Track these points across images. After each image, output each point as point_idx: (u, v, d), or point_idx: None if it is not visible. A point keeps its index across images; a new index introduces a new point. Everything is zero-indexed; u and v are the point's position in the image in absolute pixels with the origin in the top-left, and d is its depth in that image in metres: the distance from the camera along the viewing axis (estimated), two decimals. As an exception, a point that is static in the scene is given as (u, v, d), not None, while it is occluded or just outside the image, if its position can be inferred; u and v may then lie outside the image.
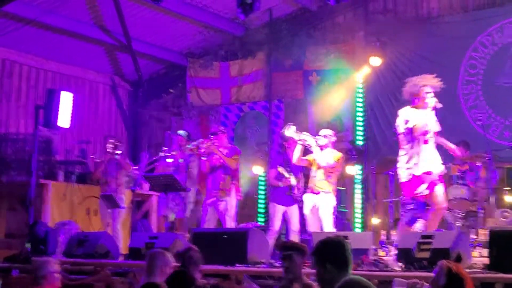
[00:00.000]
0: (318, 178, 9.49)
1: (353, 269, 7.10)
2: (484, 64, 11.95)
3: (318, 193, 9.41)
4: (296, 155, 9.67)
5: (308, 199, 9.52)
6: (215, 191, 10.20)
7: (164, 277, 6.22)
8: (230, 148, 10.41)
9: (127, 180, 12.03)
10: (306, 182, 10.01)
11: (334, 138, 9.81)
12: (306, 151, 9.74)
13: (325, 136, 9.66)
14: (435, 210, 8.20)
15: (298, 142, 9.57)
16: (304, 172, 10.36)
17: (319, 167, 9.50)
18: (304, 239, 10.18)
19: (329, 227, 9.22)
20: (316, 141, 9.55)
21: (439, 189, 8.10)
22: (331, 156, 9.54)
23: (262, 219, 12.93)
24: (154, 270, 6.31)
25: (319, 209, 9.39)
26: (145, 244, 8.72)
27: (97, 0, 12.83)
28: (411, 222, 8.46)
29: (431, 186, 8.07)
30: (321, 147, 9.60)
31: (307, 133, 9.75)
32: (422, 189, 8.04)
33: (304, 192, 9.95)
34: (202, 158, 10.31)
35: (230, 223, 10.10)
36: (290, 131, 9.52)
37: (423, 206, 8.49)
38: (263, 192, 13.21)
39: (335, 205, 9.65)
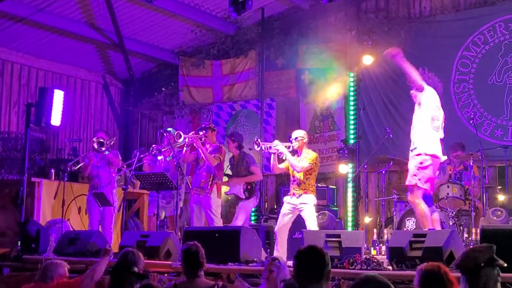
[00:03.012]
0: (297, 182, 9.46)
1: (345, 267, 7.19)
2: (476, 62, 11.99)
3: (299, 196, 9.39)
4: (272, 164, 9.66)
5: (289, 201, 9.48)
6: (195, 188, 10.21)
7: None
8: (215, 146, 10.38)
9: (119, 179, 12.00)
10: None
11: (306, 139, 9.75)
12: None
13: (296, 139, 9.60)
14: None
15: (270, 151, 9.54)
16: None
17: (295, 173, 9.47)
18: (296, 238, 10.21)
19: (313, 226, 9.21)
20: (288, 147, 9.50)
21: None
22: (306, 159, 9.49)
23: (254, 218, 12.91)
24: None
25: (303, 210, 9.36)
26: (136, 243, 8.69)
27: (88, -2, 12.83)
28: None
29: None
30: (296, 152, 9.55)
31: (277, 141, 9.68)
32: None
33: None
34: (184, 148, 10.29)
35: (218, 222, 10.07)
36: (257, 147, 9.51)
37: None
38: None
39: (316, 203, 9.62)
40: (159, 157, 10.53)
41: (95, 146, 10.71)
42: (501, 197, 10.77)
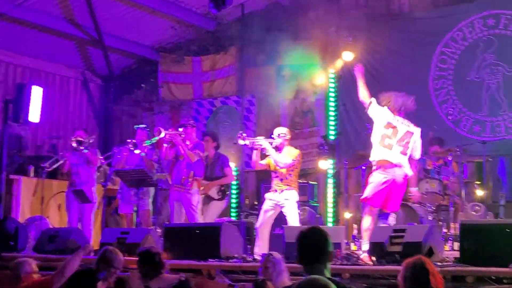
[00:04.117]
0: (279, 178, 9.45)
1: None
2: (455, 59, 12.04)
3: (281, 191, 9.38)
4: (254, 160, 9.62)
5: (271, 198, 9.47)
6: (176, 185, 10.19)
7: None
8: (195, 143, 10.35)
9: (98, 175, 11.95)
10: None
11: (289, 136, 9.74)
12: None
13: (279, 135, 9.59)
14: None
15: (254, 147, 9.51)
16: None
17: (278, 169, 9.46)
18: (276, 234, 10.20)
19: (295, 222, 9.21)
20: (271, 143, 9.49)
21: None
22: (288, 155, 9.49)
23: (235, 214, 12.93)
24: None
25: (284, 207, 9.35)
26: (117, 240, 8.67)
27: (67, -6, 12.76)
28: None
29: None
30: (278, 148, 9.54)
31: (261, 137, 9.67)
32: None
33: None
34: (164, 145, 10.26)
35: (198, 218, 10.07)
36: (242, 141, 9.47)
37: None
38: (235, 187, 13.20)
39: (298, 200, 9.62)
40: (136, 151, 10.48)
41: (74, 145, 10.66)
42: (479, 192, 10.83)
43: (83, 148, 10.65)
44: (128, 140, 10.75)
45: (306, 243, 4.48)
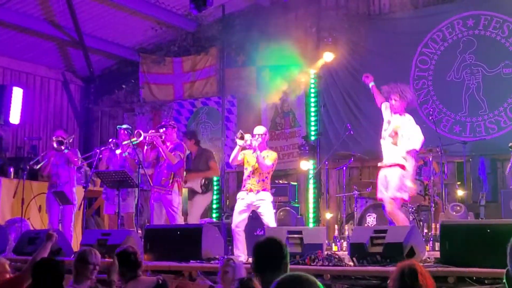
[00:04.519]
0: (256, 179, 9.42)
1: (307, 264, 7.23)
2: (435, 59, 12.10)
3: (257, 192, 9.36)
4: (233, 155, 9.60)
5: (244, 198, 9.45)
6: (156, 186, 10.17)
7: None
8: (176, 144, 10.33)
9: (79, 177, 11.89)
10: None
11: (267, 137, 9.75)
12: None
13: (259, 135, 9.57)
14: None
15: (245, 144, 9.49)
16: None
17: (256, 169, 9.43)
18: (258, 235, 10.21)
19: (271, 222, 9.21)
20: (253, 141, 9.47)
21: None
22: (269, 158, 9.48)
23: (216, 215, 12.91)
24: None
25: (260, 207, 9.34)
26: (97, 241, 8.64)
27: (48, -6, 12.68)
28: None
29: None
30: (259, 149, 9.52)
31: (248, 134, 9.64)
32: None
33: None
34: (145, 147, 10.24)
35: (179, 219, 10.05)
36: (241, 141, 9.41)
37: None
38: (216, 188, 13.18)
39: (273, 200, 9.62)
40: (117, 151, 10.45)
41: (55, 145, 10.60)
42: (460, 193, 10.90)
43: (64, 148, 10.60)
44: (110, 140, 10.74)
45: (262, 253, 4.47)
